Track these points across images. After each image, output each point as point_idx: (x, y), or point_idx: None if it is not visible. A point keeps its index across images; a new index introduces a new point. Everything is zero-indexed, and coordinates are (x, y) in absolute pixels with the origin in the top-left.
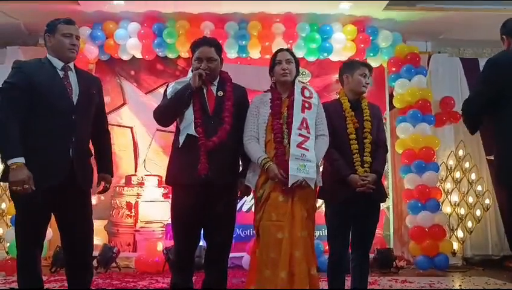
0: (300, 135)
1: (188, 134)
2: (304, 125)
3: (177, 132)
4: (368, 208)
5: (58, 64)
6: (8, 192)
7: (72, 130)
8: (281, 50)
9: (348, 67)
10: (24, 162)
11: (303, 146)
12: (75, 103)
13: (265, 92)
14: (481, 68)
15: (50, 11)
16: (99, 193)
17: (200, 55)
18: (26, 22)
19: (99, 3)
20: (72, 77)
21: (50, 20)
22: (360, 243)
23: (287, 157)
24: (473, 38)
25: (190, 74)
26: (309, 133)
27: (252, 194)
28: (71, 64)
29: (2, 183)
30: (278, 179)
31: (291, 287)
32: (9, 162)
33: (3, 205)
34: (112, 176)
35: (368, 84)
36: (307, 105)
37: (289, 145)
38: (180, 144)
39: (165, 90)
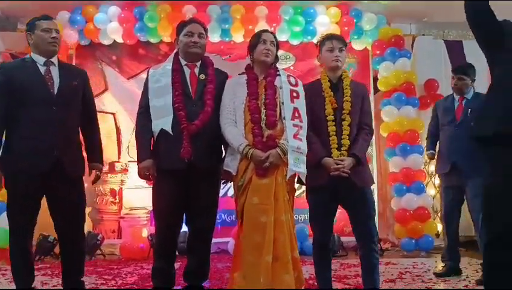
0: (294, 125)
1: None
2: (296, 114)
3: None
4: (350, 194)
5: (40, 60)
6: None
7: (54, 120)
8: (266, 31)
9: (319, 46)
10: None
11: (298, 136)
12: (55, 95)
13: (240, 74)
14: (465, 50)
15: None
16: (92, 182)
17: (192, 30)
18: (4, 7)
19: None
20: (54, 71)
21: (28, 20)
22: (356, 232)
23: (265, 137)
24: (457, 20)
25: (172, 56)
26: (301, 121)
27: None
28: (54, 59)
29: None
30: (264, 165)
31: (276, 271)
32: None
33: None
34: (103, 165)
35: (337, 57)
36: (295, 94)
37: (265, 126)
38: (156, 136)
39: (146, 79)
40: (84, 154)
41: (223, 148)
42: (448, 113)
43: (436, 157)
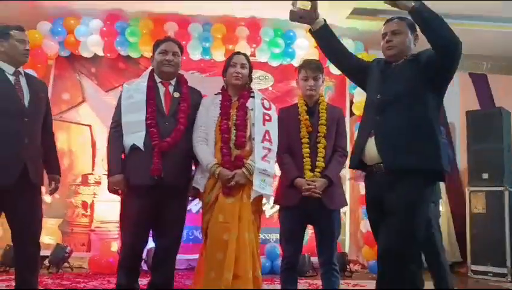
0: (264, 147)
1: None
2: (267, 137)
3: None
4: (320, 215)
5: (9, 69)
6: None
7: (25, 132)
8: (237, 53)
9: (297, 71)
10: None
11: (266, 159)
12: (26, 106)
13: (216, 94)
14: None
15: (9, 5)
16: (51, 193)
17: (166, 48)
18: None
19: None
20: (23, 82)
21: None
22: (319, 250)
23: (233, 157)
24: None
25: (146, 73)
26: (271, 144)
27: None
28: (21, 69)
29: None
30: (230, 184)
31: (236, 289)
32: None
33: None
34: (60, 176)
35: (311, 86)
36: (267, 117)
37: (234, 146)
38: (127, 151)
39: (120, 94)
40: None
41: (193, 166)
42: None
43: None
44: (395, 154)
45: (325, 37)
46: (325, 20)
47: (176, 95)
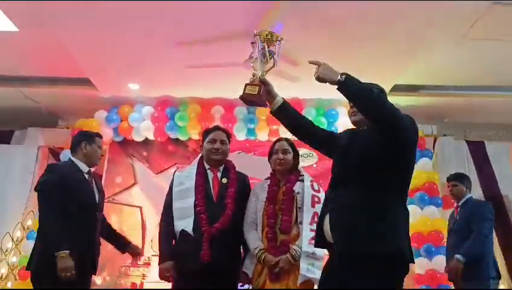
0: (312, 230)
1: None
2: (316, 219)
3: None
4: None
5: (84, 168)
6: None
7: (96, 225)
8: (279, 140)
9: None
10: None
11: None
12: (97, 202)
13: (266, 179)
14: (487, 150)
15: (70, 96)
16: (135, 257)
17: (215, 137)
18: (47, 104)
19: (117, 88)
20: (93, 180)
21: (85, 130)
22: None
23: (279, 242)
24: (477, 121)
25: (196, 160)
26: None
27: None
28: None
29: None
30: (275, 270)
31: None
32: (59, 252)
33: None
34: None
35: None
36: (316, 199)
37: (280, 231)
38: (177, 236)
39: (172, 181)
40: None
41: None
42: (450, 220)
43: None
44: (343, 235)
45: (284, 116)
46: (283, 98)
47: (224, 180)
